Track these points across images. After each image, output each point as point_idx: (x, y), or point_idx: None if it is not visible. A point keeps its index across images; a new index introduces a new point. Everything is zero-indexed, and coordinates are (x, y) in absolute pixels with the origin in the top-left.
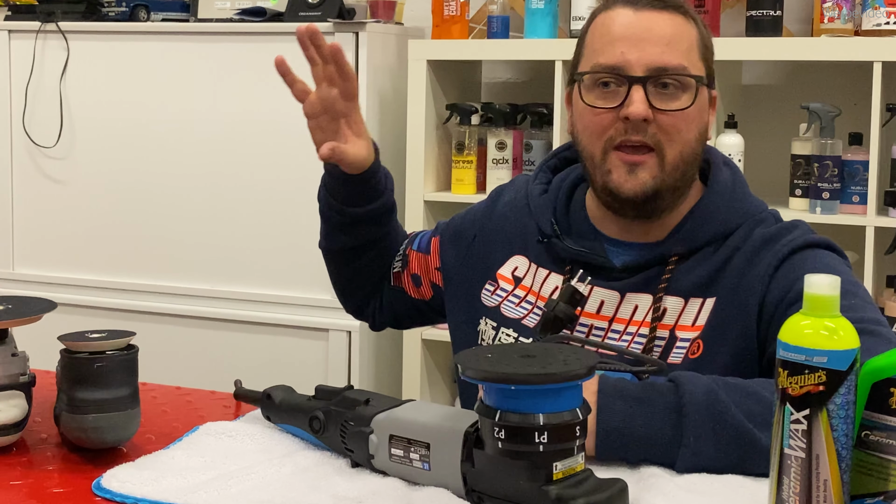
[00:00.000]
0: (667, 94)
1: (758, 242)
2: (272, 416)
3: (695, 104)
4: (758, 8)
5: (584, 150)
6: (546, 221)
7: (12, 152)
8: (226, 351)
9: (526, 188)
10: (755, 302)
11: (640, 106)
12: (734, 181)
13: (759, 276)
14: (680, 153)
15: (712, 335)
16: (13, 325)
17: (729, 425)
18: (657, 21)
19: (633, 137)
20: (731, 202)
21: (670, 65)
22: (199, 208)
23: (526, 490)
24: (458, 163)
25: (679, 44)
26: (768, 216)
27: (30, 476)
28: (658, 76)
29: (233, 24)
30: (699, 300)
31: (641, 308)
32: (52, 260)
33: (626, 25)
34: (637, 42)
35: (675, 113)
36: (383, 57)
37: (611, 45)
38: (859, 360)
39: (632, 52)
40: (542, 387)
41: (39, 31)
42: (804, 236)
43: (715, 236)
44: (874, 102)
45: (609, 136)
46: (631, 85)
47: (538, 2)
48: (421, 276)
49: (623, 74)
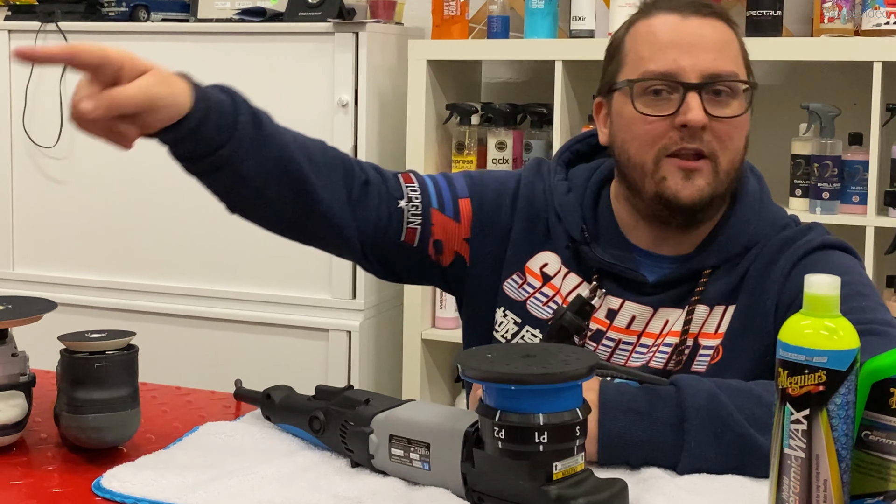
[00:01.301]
0: (719, 102)
1: (776, 246)
2: (272, 416)
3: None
4: (758, 8)
5: (632, 158)
6: (575, 225)
7: (12, 152)
8: (226, 351)
9: (550, 181)
10: (772, 304)
11: (698, 113)
12: (761, 190)
13: (775, 279)
14: (731, 161)
15: (733, 340)
16: (13, 325)
17: (730, 430)
18: (706, 27)
19: (689, 145)
20: (760, 212)
21: (724, 71)
22: (199, 208)
23: (526, 490)
24: (458, 163)
25: (729, 50)
26: (790, 221)
27: (30, 476)
28: (712, 83)
29: (233, 24)
30: (722, 307)
31: (671, 321)
32: (52, 260)
33: (676, 32)
34: (689, 48)
35: (729, 120)
36: (383, 57)
37: (661, 52)
38: (859, 360)
39: (685, 59)
40: (542, 387)
41: (39, 31)
42: (820, 238)
43: (745, 247)
44: (874, 102)
45: (663, 144)
46: (686, 92)
47: (538, 2)
48: (444, 242)
49: (678, 81)
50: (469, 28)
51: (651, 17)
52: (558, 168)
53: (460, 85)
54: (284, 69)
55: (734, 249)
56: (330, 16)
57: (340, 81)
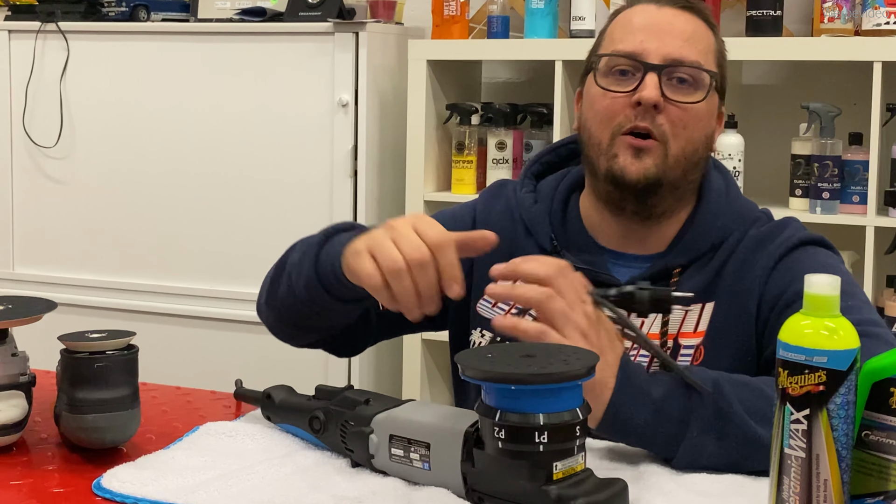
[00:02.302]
0: (681, 89)
1: (751, 244)
2: (272, 415)
3: (705, 103)
4: (758, 8)
5: (592, 137)
6: (544, 235)
7: (12, 152)
8: (226, 351)
9: (515, 198)
10: (753, 304)
11: (652, 91)
12: (727, 184)
13: (755, 279)
14: (683, 149)
15: (714, 340)
16: (13, 325)
17: (732, 422)
18: (679, 17)
19: (640, 124)
20: (728, 207)
21: (687, 59)
22: (199, 208)
23: (526, 490)
24: (459, 163)
25: (698, 42)
26: (761, 215)
27: (30, 476)
28: (674, 66)
29: (233, 24)
30: (698, 305)
31: (648, 322)
32: (52, 260)
33: (648, 17)
34: (657, 32)
35: (686, 106)
36: (383, 57)
37: (631, 34)
38: (859, 360)
39: (651, 42)
40: (542, 386)
41: (39, 31)
42: (798, 234)
43: (714, 243)
44: (874, 102)
45: (619, 121)
46: (646, 72)
47: (538, 2)
48: None
49: (640, 60)
50: (469, 28)
51: (631, 7)
52: (526, 182)
53: (460, 85)
54: (284, 69)
55: (704, 246)
56: (330, 16)
57: (340, 81)
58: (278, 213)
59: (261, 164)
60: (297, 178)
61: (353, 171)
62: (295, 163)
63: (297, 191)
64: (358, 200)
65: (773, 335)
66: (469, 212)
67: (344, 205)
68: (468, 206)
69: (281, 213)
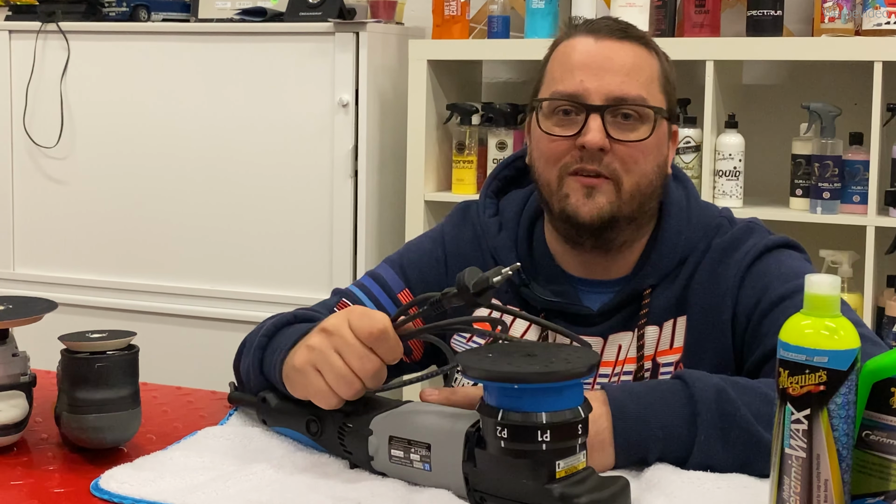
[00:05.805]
0: (625, 125)
1: (717, 255)
2: (268, 419)
3: (653, 136)
4: (758, 8)
5: (541, 177)
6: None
7: (12, 152)
8: (226, 351)
9: (479, 224)
10: (727, 317)
11: (596, 135)
12: (687, 196)
13: (726, 291)
14: (637, 184)
15: (692, 355)
16: (14, 325)
17: (738, 425)
18: (618, 51)
19: (588, 167)
20: (689, 219)
21: (629, 95)
22: (199, 208)
23: (529, 489)
24: (459, 163)
25: (639, 75)
26: (722, 221)
27: (30, 476)
28: (617, 106)
29: (233, 24)
30: (671, 322)
31: (624, 346)
32: (52, 260)
33: (587, 54)
34: (597, 71)
35: (633, 144)
36: (383, 57)
37: (570, 73)
38: (860, 360)
39: (591, 81)
40: (544, 385)
41: (40, 31)
42: (762, 240)
43: (681, 259)
44: (874, 102)
45: (564, 162)
46: (589, 113)
47: (538, 2)
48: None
49: (581, 102)
50: (469, 28)
51: (570, 39)
52: (488, 203)
53: (461, 85)
54: (284, 69)
55: (670, 264)
56: (330, 16)
57: (341, 81)
58: (278, 213)
59: (261, 164)
60: (297, 178)
61: (354, 172)
62: (295, 163)
63: (297, 191)
64: (358, 200)
65: (755, 344)
66: (438, 245)
67: (344, 205)
68: (437, 239)
69: (281, 213)
